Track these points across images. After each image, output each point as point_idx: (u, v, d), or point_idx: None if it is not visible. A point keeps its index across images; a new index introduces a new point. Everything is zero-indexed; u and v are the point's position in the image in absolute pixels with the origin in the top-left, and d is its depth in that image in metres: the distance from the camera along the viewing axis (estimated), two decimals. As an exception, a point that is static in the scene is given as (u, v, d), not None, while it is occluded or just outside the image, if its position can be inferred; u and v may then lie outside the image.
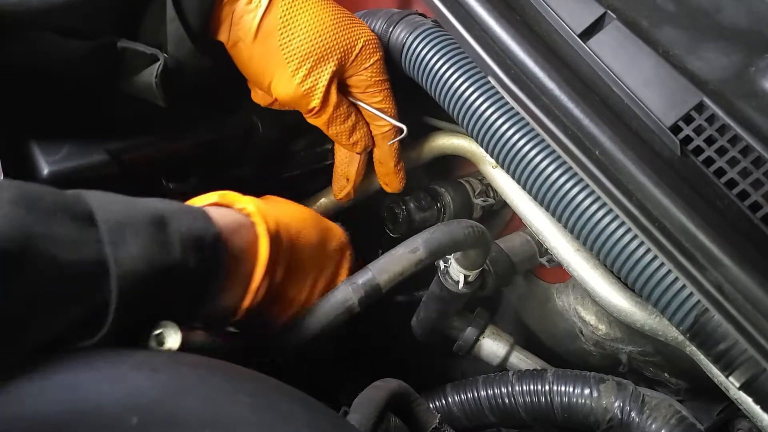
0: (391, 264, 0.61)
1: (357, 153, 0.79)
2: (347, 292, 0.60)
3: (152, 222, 0.46)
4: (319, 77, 0.69)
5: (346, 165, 0.82)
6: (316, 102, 0.70)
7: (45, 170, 0.65)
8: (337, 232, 0.70)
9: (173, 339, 0.47)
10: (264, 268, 0.55)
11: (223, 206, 0.59)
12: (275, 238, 0.57)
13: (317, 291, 0.64)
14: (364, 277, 0.60)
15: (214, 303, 0.54)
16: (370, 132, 0.77)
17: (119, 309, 0.42)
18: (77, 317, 0.41)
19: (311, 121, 0.74)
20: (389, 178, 0.82)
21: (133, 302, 0.43)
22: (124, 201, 0.47)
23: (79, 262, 0.41)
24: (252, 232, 0.56)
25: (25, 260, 0.38)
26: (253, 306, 0.56)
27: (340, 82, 0.73)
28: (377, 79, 0.73)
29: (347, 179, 0.83)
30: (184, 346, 0.47)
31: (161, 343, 0.48)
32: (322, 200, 0.89)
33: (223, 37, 0.68)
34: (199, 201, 0.60)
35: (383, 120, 0.75)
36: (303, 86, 0.69)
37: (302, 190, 0.89)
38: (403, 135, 0.76)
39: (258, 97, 0.78)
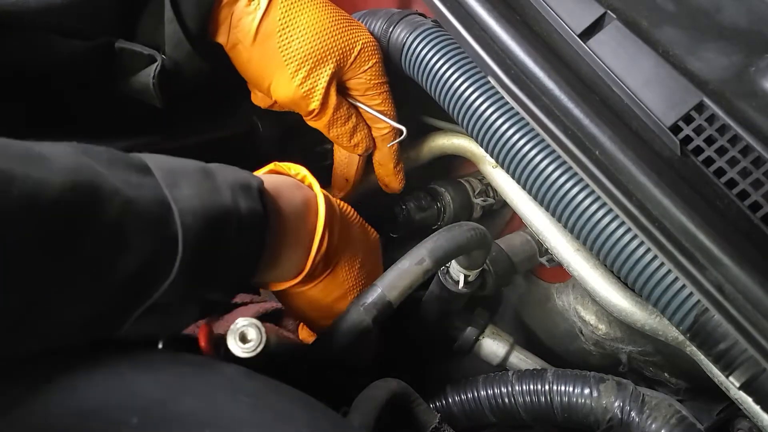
0: (400, 279, 0.60)
1: (358, 155, 0.79)
2: (359, 313, 0.59)
3: (200, 171, 0.48)
4: (318, 79, 0.69)
5: (345, 166, 0.82)
6: (315, 104, 0.70)
7: (45, 170, 0.65)
8: (373, 230, 0.71)
9: (255, 334, 0.50)
10: (324, 220, 0.57)
11: (278, 173, 0.62)
12: (329, 200, 0.60)
13: (363, 277, 0.64)
14: (373, 296, 0.60)
15: (274, 262, 0.55)
16: (371, 134, 0.77)
17: (186, 244, 0.43)
18: (152, 252, 0.42)
19: (312, 123, 0.74)
20: (389, 179, 0.82)
21: (197, 240, 0.44)
22: (171, 157, 0.50)
23: (142, 197, 0.42)
24: (309, 192, 0.59)
25: (98, 193, 0.39)
26: (316, 264, 0.58)
27: (340, 84, 0.73)
28: (376, 81, 0.73)
29: (347, 179, 0.83)
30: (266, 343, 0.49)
31: (244, 339, 0.50)
32: (322, 200, 0.89)
33: (222, 39, 0.68)
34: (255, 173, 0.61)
35: (383, 122, 0.76)
36: (302, 88, 0.69)
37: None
38: (402, 137, 0.76)
39: (258, 99, 0.78)
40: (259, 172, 0.61)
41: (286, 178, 0.60)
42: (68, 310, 0.39)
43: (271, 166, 0.62)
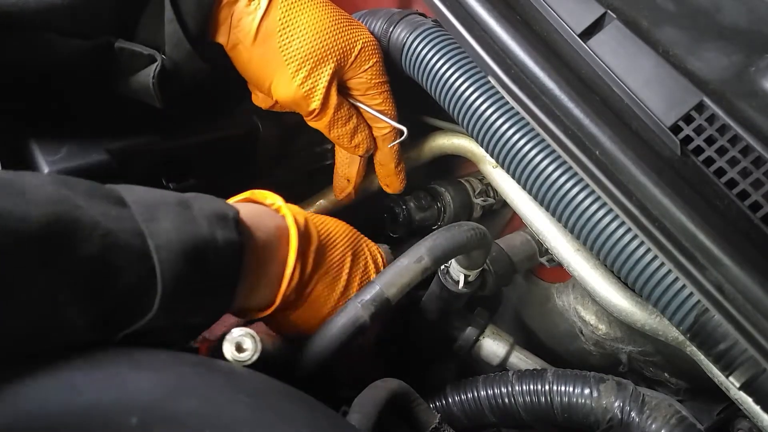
0: (398, 276, 0.60)
1: (359, 156, 0.79)
2: (357, 309, 0.59)
3: (177, 203, 0.49)
4: (319, 78, 0.69)
5: (346, 166, 0.82)
6: (316, 103, 0.70)
7: (45, 170, 0.65)
8: (371, 248, 0.69)
9: (250, 344, 0.50)
10: (295, 254, 0.57)
11: (253, 202, 0.62)
12: (305, 232, 0.59)
13: (347, 297, 0.63)
14: (372, 293, 0.60)
15: (250, 292, 0.55)
16: (372, 134, 0.77)
17: (165, 277, 0.44)
18: (129, 285, 0.42)
19: (313, 124, 0.74)
20: (390, 180, 0.82)
21: (175, 273, 0.44)
22: (148, 189, 0.51)
23: (121, 230, 0.43)
24: (282, 223, 0.58)
25: (75, 227, 0.40)
26: (288, 295, 0.58)
27: (340, 84, 0.72)
28: (377, 81, 0.73)
29: (348, 180, 0.83)
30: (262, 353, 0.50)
31: (240, 349, 0.50)
32: (322, 201, 0.89)
33: (222, 39, 0.68)
34: (230, 200, 0.62)
35: (383, 122, 0.75)
36: (303, 87, 0.69)
37: (302, 191, 0.89)
38: (403, 137, 0.76)
39: (258, 100, 0.78)
40: (235, 200, 0.62)
41: (261, 207, 0.60)
42: (51, 338, 0.40)
43: (248, 193, 0.62)
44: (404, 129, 0.76)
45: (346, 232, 0.66)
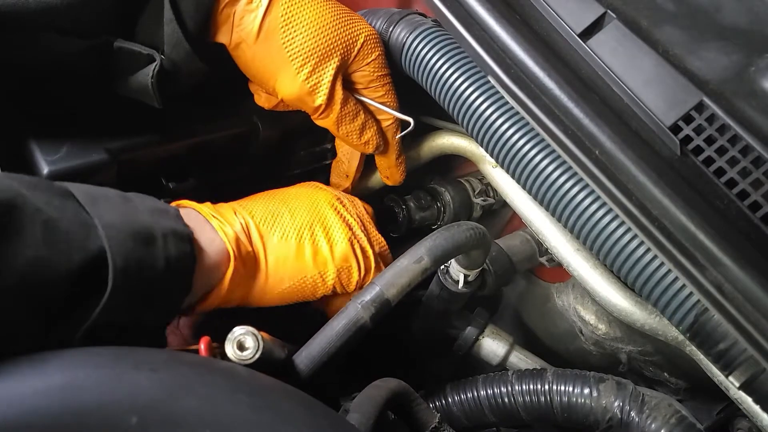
0: (398, 277, 0.60)
1: (369, 152, 0.78)
2: (357, 310, 0.59)
3: (119, 196, 0.53)
4: (324, 73, 0.69)
5: (347, 162, 0.82)
6: (321, 98, 0.70)
7: (45, 170, 0.65)
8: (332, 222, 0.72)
9: (252, 342, 0.51)
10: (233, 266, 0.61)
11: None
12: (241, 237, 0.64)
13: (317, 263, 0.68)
14: (372, 294, 0.60)
15: (194, 287, 0.57)
16: (381, 130, 0.77)
17: (114, 254, 0.45)
18: (75, 269, 0.43)
19: (320, 122, 0.74)
20: (391, 171, 0.82)
21: (125, 252, 0.46)
22: (92, 186, 0.53)
23: (65, 218, 0.44)
24: (219, 241, 0.62)
25: (17, 213, 0.41)
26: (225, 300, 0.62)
27: (344, 79, 0.72)
28: (379, 73, 0.73)
29: (347, 175, 0.83)
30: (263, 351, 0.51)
31: (242, 348, 0.51)
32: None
33: (224, 39, 0.68)
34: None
35: (386, 114, 0.75)
36: (308, 83, 0.69)
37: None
38: (410, 127, 0.76)
39: (262, 100, 0.78)
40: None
41: (198, 214, 0.63)
42: None
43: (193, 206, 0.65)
44: (410, 120, 0.75)
45: (298, 224, 0.69)
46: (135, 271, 0.47)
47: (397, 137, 0.78)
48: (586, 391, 0.66)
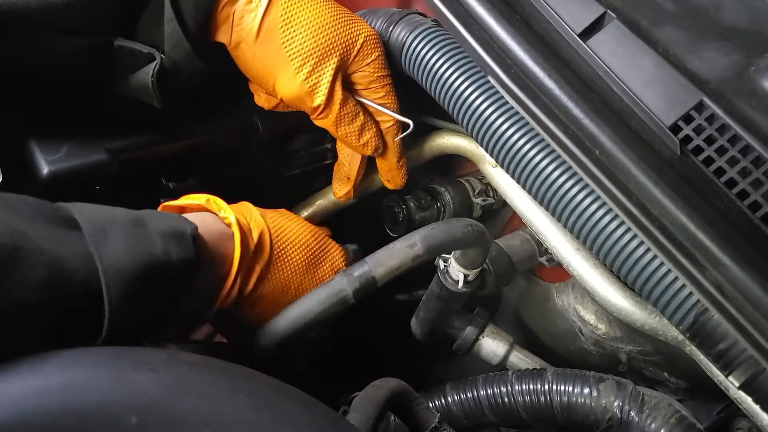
0: (388, 258, 0.61)
1: (368, 154, 0.78)
2: (342, 282, 0.60)
3: (131, 222, 0.50)
4: (323, 73, 0.69)
5: (348, 164, 0.82)
6: (320, 98, 0.70)
7: (45, 170, 0.65)
8: (336, 258, 0.71)
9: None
10: (236, 269, 0.60)
11: (209, 211, 0.65)
12: (256, 247, 0.63)
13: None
14: (360, 270, 0.60)
15: (196, 295, 0.57)
16: (381, 132, 0.77)
17: (112, 301, 0.44)
18: (77, 308, 0.43)
19: (319, 122, 0.74)
20: (392, 174, 0.82)
21: (125, 294, 0.45)
22: (102, 207, 0.51)
23: (68, 255, 0.43)
24: (229, 239, 0.61)
25: (19, 255, 0.40)
26: (228, 303, 0.61)
27: (344, 80, 0.72)
28: (379, 74, 0.73)
29: (348, 178, 0.83)
30: None
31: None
32: (321, 201, 0.89)
33: (224, 38, 0.68)
34: (189, 198, 0.65)
35: (386, 115, 0.75)
36: (307, 83, 0.69)
37: (301, 190, 0.89)
38: (409, 130, 0.76)
39: (261, 100, 0.78)
40: (194, 201, 0.64)
41: (210, 219, 0.62)
42: None
43: (206, 199, 0.65)
44: (410, 122, 0.75)
45: (307, 242, 0.69)
46: (131, 309, 0.46)
47: (396, 139, 0.77)
48: (586, 390, 0.66)
